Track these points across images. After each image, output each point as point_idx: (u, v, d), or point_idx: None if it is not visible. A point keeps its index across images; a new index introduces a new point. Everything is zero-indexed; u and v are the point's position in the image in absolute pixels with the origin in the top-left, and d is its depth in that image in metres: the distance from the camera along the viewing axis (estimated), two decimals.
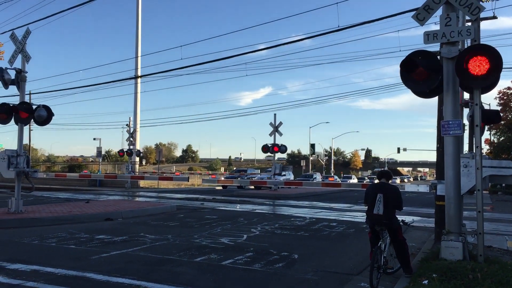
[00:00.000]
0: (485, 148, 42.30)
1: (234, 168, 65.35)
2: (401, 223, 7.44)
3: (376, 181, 8.87)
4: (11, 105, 15.20)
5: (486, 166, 7.60)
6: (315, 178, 56.27)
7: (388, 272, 7.37)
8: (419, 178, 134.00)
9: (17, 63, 15.54)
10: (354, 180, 66.03)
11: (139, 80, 45.76)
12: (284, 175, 43.12)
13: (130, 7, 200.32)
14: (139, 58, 49.02)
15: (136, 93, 49.62)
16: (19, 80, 15.33)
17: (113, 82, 29.25)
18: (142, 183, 45.15)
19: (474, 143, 7.38)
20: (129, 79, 38.06)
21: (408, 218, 9.85)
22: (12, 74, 15.23)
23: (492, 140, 43.64)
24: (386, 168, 10.52)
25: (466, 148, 9.73)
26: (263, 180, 37.38)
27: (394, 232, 7.25)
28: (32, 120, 15.59)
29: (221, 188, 45.80)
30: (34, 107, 15.33)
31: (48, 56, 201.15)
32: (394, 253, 7.45)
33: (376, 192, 7.19)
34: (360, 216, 18.27)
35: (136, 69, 48.04)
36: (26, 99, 16.44)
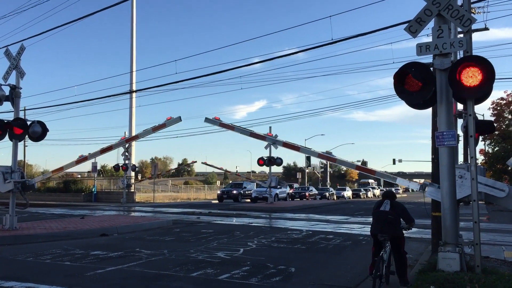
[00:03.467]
0: (480, 158, 42.43)
1: (230, 182, 65.20)
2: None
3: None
4: (5, 121, 15.15)
5: (481, 183, 7.62)
6: (311, 190, 56.27)
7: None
8: (410, 190, 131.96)
9: (11, 79, 15.55)
10: (348, 192, 65.84)
11: (134, 94, 45.83)
12: (280, 187, 43.08)
13: (124, 22, 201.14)
14: (134, 73, 49.15)
15: (131, 107, 49.67)
16: (14, 96, 15.29)
17: (108, 97, 29.35)
18: (138, 197, 45.00)
19: (469, 153, 7.39)
20: (124, 93, 38.12)
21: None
22: (6, 90, 15.19)
23: (486, 151, 43.82)
24: (388, 189, 10.78)
25: (461, 158, 9.76)
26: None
27: (397, 241, 7.45)
28: (26, 136, 15.54)
29: (217, 201, 45.66)
30: (28, 123, 15.30)
31: (43, 72, 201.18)
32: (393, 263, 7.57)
33: (383, 200, 7.70)
34: (357, 228, 18.23)
35: (131, 83, 48.15)
36: (21, 115, 16.40)
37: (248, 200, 43.89)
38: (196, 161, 44.90)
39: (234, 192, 45.00)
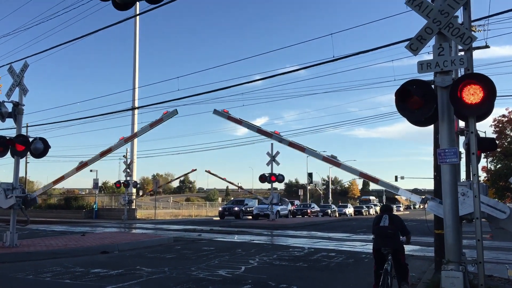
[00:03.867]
0: (482, 175, 42.31)
1: (232, 199, 64.99)
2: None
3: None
4: (7, 138, 15.18)
5: (483, 202, 7.59)
6: (313, 207, 56.03)
7: None
8: (412, 207, 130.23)
9: (14, 96, 15.62)
10: (350, 209, 65.39)
11: (136, 111, 45.98)
12: (281, 204, 42.88)
13: (128, 39, 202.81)
14: (136, 90, 49.40)
15: (133, 124, 49.79)
16: (16, 113, 15.35)
17: (111, 113, 29.36)
18: (139, 214, 44.86)
19: (471, 171, 7.37)
20: (126, 110, 38.26)
21: (407, 247, 9.79)
22: (9, 107, 15.28)
23: (489, 168, 43.68)
24: (386, 203, 11.13)
25: (463, 175, 9.74)
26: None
27: (398, 254, 7.77)
28: (28, 153, 15.55)
29: (218, 218, 45.46)
30: (30, 139, 15.33)
31: (45, 88, 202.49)
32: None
33: (382, 215, 8.10)
34: (359, 246, 18.10)
35: (133, 100, 48.37)
36: (23, 131, 16.43)
37: (250, 217, 43.69)
38: (196, 169, 44.25)
39: (236, 209, 44.83)
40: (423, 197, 9.72)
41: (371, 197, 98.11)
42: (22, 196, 15.13)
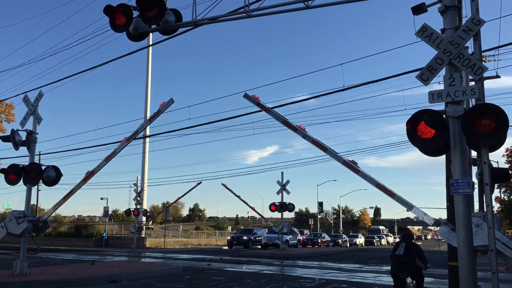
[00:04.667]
0: (496, 206, 41.73)
1: (242, 227, 64.60)
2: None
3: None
4: (20, 166, 15.34)
5: (496, 238, 7.45)
6: (324, 237, 55.40)
7: None
8: (423, 237, 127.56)
9: (28, 125, 15.86)
10: (361, 239, 64.40)
11: (147, 139, 46.36)
12: (290, 235, 42.36)
13: (140, 69, 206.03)
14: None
15: (144, 152, 50.14)
16: (30, 141, 15.55)
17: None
18: (148, 243, 44.66)
19: (484, 201, 7.27)
20: (137, 138, 38.48)
21: None
22: (23, 135, 15.49)
23: (502, 198, 43.14)
24: (407, 232, 11.40)
25: (476, 206, 9.64)
26: None
27: (417, 276, 8.98)
28: (40, 180, 15.66)
29: (227, 247, 45.08)
30: (43, 167, 15.46)
31: (58, 117, 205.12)
32: None
33: (400, 242, 9.36)
34: (371, 278, 17.79)
35: (145, 129, 48.75)
36: (36, 159, 16.59)
37: (259, 247, 43.26)
38: (201, 182, 43.06)
39: (244, 238, 44.42)
40: (437, 218, 9.56)
41: (381, 227, 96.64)
42: (34, 220, 15.15)
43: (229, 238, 47.83)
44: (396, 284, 9.03)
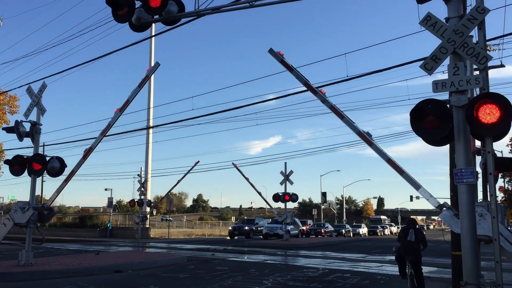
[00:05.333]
0: (499, 195, 41.70)
1: (245, 218, 64.89)
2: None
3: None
4: (24, 157, 15.39)
5: (501, 234, 7.41)
6: (327, 227, 55.54)
7: None
8: (425, 227, 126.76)
9: (32, 116, 15.87)
10: (364, 229, 64.44)
11: (151, 130, 46.40)
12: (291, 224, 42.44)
13: (143, 58, 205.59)
14: (151, 109, 49.85)
15: (147, 143, 50.19)
16: (34, 132, 15.60)
17: (126, 132, 29.68)
18: (152, 233, 44.88)
19: (488, 191, 7.26)
20: (141, 129, 38.55)
21: (424, 269, 10.25)
22: (27, 126, 15.52)
23: (506, 188, 43.09)
24: (411, 217, 11.92)
25: (480, 195, 9.68)
26: None
27: (418, 261, 9.88)
28: (45, 172, 15.71)
29: (229, 238, 45.25)
30: (47, 158, 15.51)
31: (62, 107, 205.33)
32: None
33: (409, 229, 10.25)
34: (374, 267, 17.85)
35: (148, 120, 48.80)
36: (40, 150, 16.63)
37: (261, 237, 43.41)
38: (198, 161, 42.34)
39: (246, 228, 44.52)
40: (441, 203, 9.53)
41: (382, 217, 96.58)
42: (39, 207, 15.23)
43: (230, 228, 47.96)
44: (401, 265, 10.03)
